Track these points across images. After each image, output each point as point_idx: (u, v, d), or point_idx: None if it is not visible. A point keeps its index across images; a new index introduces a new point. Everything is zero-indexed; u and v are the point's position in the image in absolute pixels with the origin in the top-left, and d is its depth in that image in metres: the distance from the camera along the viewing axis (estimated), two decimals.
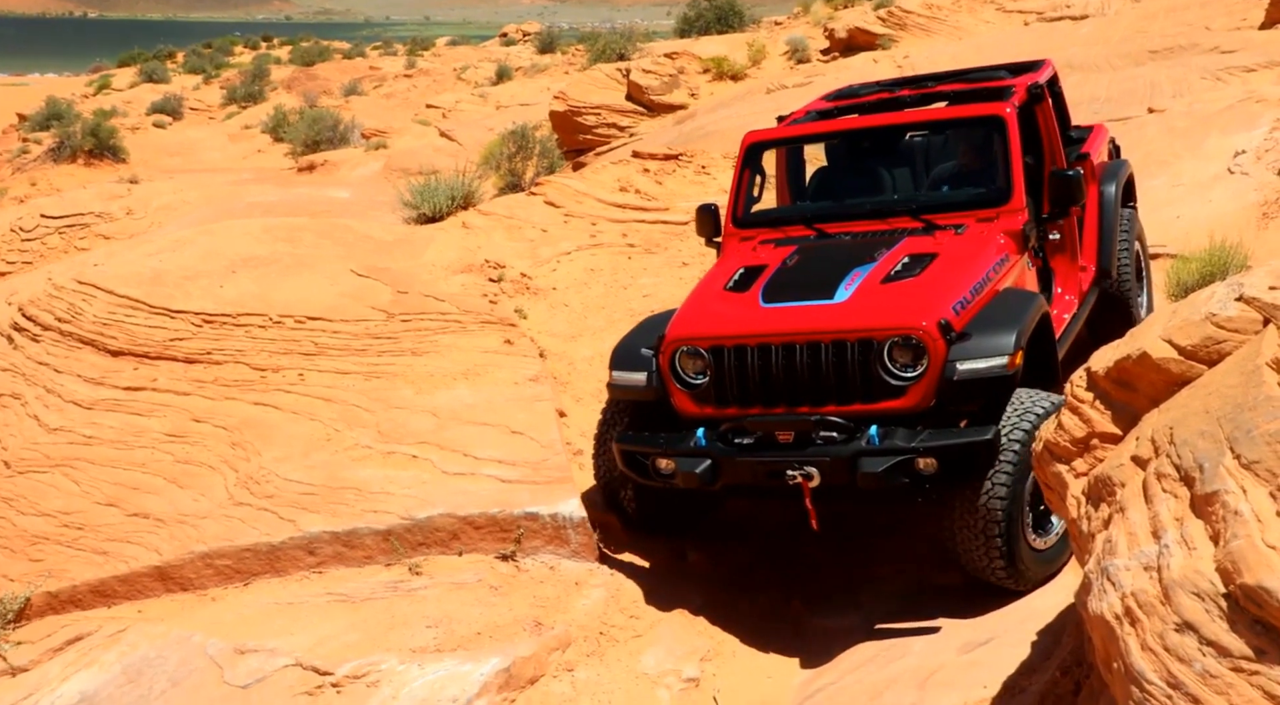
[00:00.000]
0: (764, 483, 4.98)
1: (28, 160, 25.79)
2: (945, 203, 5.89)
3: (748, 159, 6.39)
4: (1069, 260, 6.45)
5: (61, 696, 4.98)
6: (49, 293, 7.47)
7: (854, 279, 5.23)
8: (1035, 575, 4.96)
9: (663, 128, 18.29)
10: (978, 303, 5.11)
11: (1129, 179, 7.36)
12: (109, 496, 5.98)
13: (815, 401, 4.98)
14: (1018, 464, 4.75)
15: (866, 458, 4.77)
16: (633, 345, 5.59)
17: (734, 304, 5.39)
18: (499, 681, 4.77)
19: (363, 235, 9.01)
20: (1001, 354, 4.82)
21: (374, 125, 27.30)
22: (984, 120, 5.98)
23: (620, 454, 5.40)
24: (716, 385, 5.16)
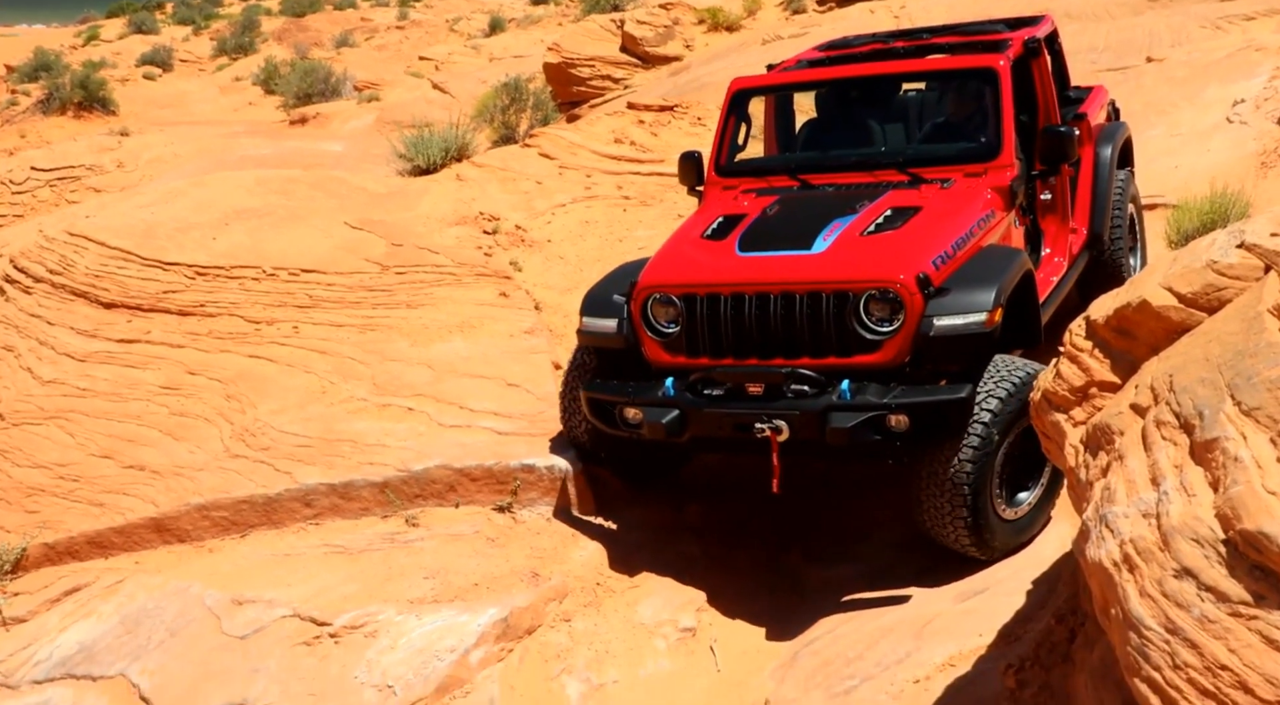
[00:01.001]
0: (731, 435, 4.88)
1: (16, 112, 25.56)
2: (933, 156, 5.77)
3: (733, 106, 6.23)
4: (1059, 221, 6.33)
5: (60, 647, 5.00)
6: (40, 245, 7.42)
7: (833, 230, 5.12)
8: (1002, 546, 4.88)
9: (657, 79, 18.14)
10: (959, 258, 4.99)
11: (1126, 142, 7.23)
12: (104, 448, 5.97)
13: (788, 354, 4.88)
14: (989, 434, 4.66)
15: (837, 412, 4.67)
16: (605, 291, 5.45)
17: (710, 252, 5.28)
18: (496, 632, 4.79)
19: (356, 187, 8.95)
20: (980, 311, 4.71)
21: (366, 77, 27.07)
22: (976, 72, 5.85)
23: (587, 402, 5.27)
24: (688, 334, 5.04)
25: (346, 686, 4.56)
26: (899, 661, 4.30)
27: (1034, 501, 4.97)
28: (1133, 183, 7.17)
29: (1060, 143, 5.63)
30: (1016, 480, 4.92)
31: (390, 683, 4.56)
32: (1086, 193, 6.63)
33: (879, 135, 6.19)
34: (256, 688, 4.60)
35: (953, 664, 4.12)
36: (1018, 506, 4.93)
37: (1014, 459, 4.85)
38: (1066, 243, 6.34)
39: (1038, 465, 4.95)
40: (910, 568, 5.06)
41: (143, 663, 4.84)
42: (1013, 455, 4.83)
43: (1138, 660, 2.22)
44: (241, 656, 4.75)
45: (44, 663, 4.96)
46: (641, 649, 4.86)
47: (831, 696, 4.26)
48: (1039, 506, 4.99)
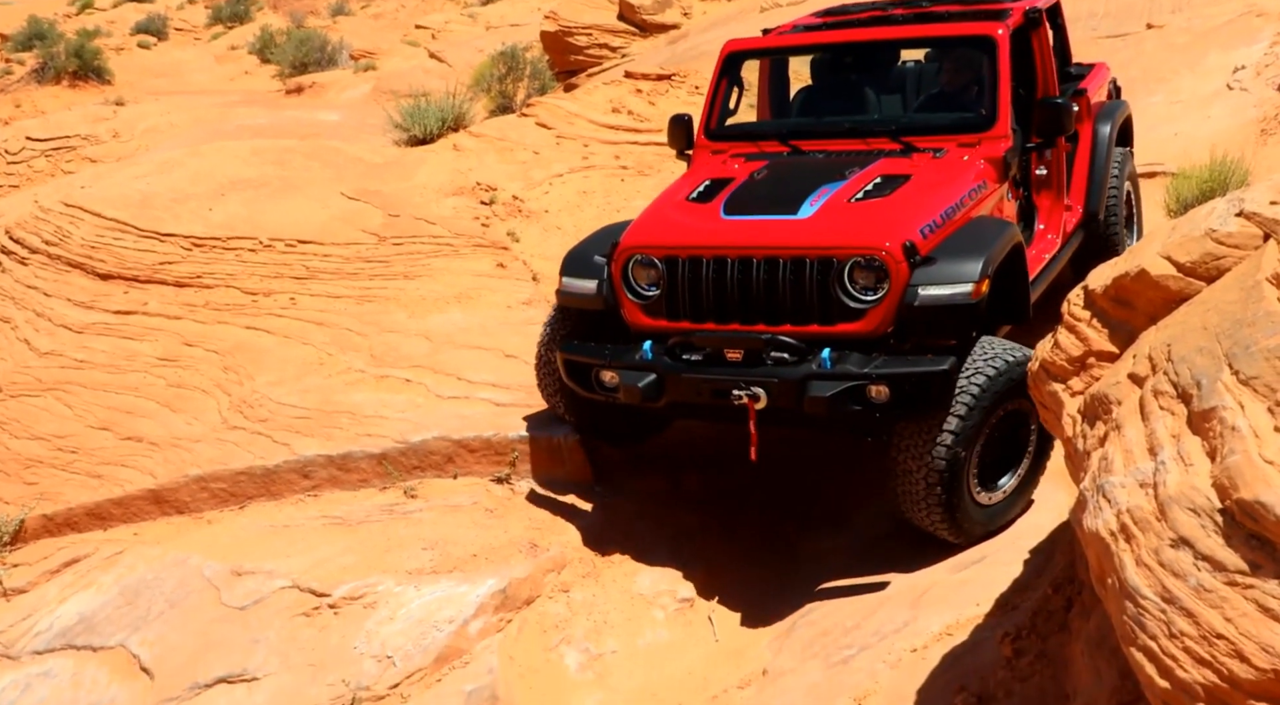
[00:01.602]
0: (709, 402, 4.79)
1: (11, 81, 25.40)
2: (926, 125, 5.69)
3: (726, 68, 6.10)
4: (1054, 197, 6.23)
5: (60, 618, 5.02)
6: (36, 215, 7.40)
7: (820, 196, 5.03)
8: (976, 531, 4.82)
9: (655, 48, 18.02)
10: (948, 228, 4.90)
11: (1126, 120, 7.13)
12: (102, 420, 5.97)
13: (770, 320, 4.79)
14: (970, 417, 4.58)
15: (816, 381, 4.58)
16: (585, 252, 5.34)
17: (694, 214, 5.20)
18: (495, 602, 4.81)
19: (352, 158, 8.91)
20: (966, 281, 4.61)
21: (362, 46, 26.88)
22: (974, 40, 5.73)
23: (564, 364, 5.16)
24: (669, 297, 4.95)
25: (346, 657, 4.58)
26: (896, 631, 4.32)
27: (1012, 488, 4.90)
28: (1131, 161, 7.08)
29: (1056, 115, 5.54)
30: (995, 465, 4.84)
31: (389, 653, 4.58)
32: (1084, 170, 6.54)
33: (874, 103, 6.11)
34: (256, 658, 4.63)
35: (950, 633, 4.14)
36: (995, 492, 4.85)
37: (994, 444, 4.78)
38: (1061, 220, 6.24)
39: (1018, 451, 4.88)
40: (907, 538, 5.06)
41: (143, 633, 4.86)
42: (993, 440, 4.76)
43: (1134, 629, 2.22)
44: (241, 627, 4.77)
45: (44, 633, 4.98)
46: (640, 619, 4.88)
47: (829, 666, 4.28)
48: (1017, 492, 4.92)
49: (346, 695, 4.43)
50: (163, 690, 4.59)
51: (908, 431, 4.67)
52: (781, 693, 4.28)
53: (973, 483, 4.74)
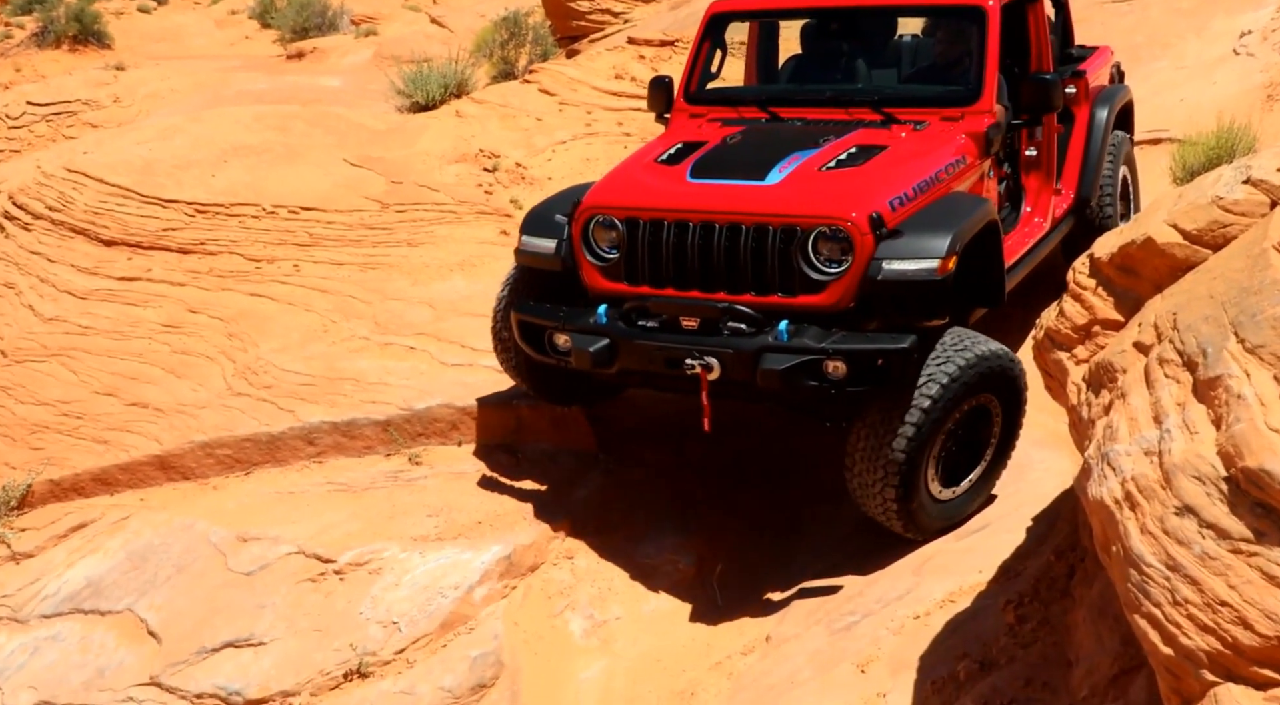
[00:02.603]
0: (661, 370, 4.63)
1: (11, 45, 25.25)
2: (910, 96, 5.54)
3: (709, 30, 5.91)
4: (1043, 180, 6.04)
5: (68, 582, 5.06)
6: (39, 181, 7.39)
7: (790, 162, 4.87)
8: (932, 527, 4.69)
9: (657, 13, 17.87)
10: (919, 202, 4.73)
11: (1126, 105, 6.94)
12: (107, 386, 5.99)
13: (731, 289, 4.62)
14: (932, 410, 4.41)
15: (771, 353, 4.41)
16: (548, 210, 5.17)
17: (660, 176, 5.04)
18: (499, 569, 4.84)
19: (355, 124, 8.88)
20: (932, 256, 4.44)
21: (363, 11, 26.71)
22: (963, 10, 5.54)
23: (518, 325, 4.99)
24: (628, 260, 4.79)
25: (352, 622, 4.61)
26: (899, 598, 4.34)
27: (972, 483, 4.77)
28: (1129, 146, 6.93)
29: (1044, 91, 5.36)
30: (957, 461, 4.70)
31: (395, 619, 4.61)
32: (1078, 154, 6.37)
33: (863, 73, 5.91)
34: (263, 623, 4.66)
35: (952, 600, 4.16)
36: (954, 487, 4.72)
37: (957, 438, 4.65)
38: (1049, 203, 6.06)
39: (980, 446, 4.77)
40: None
41: (150, 598, 4.90)
42: (956, 434, 4.63)
43: (1138, 597, 2.23)
44: (247, 593, 4.80)
45: (52, 598, 5.02)
46: (643, 586, 4.91)
47: (832, 632, 4.31)
48: (977, 488, 4.80)
49: (353, 660, 4.47)
50: (170, 654, 4.63)
51: (868, 421, 4.50)
52: (784, 659, 4.31)
53: (931, 478, 4.59)
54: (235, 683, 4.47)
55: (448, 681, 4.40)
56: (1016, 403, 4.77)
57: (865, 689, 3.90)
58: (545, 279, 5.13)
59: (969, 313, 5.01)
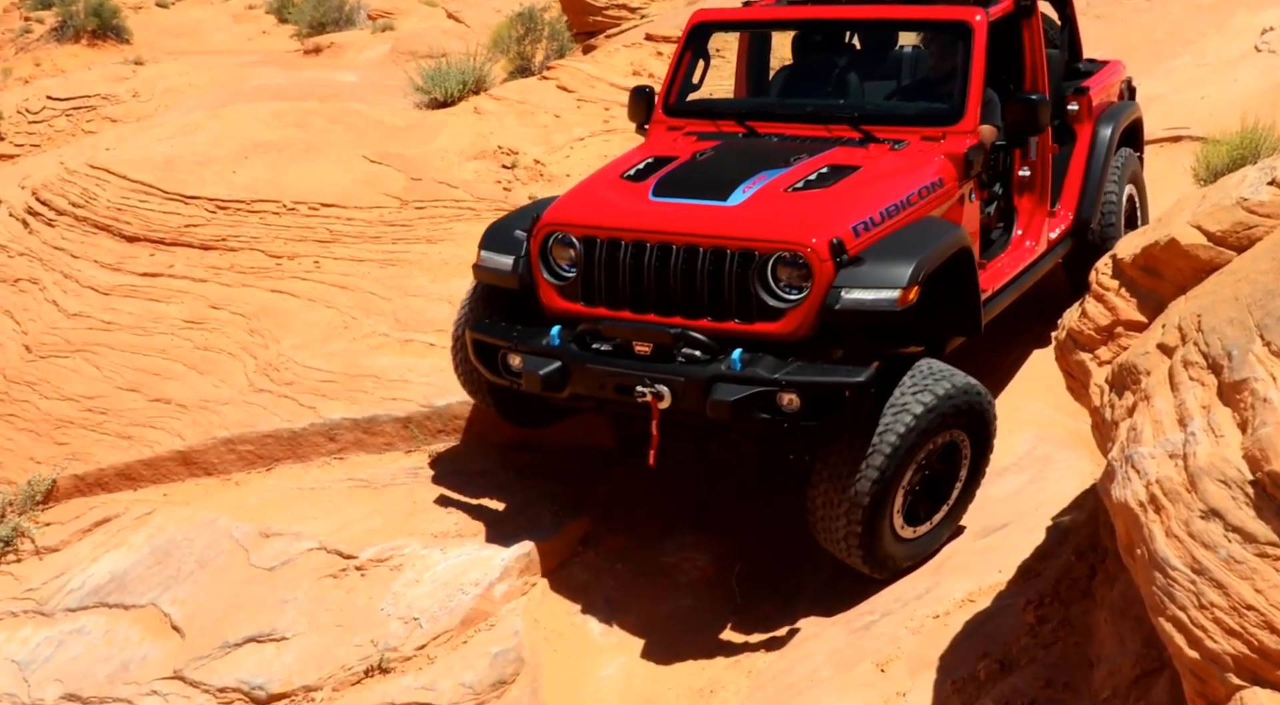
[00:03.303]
0: (612, 397, 4.44)
1: (30, 40, 25.37)
2: (890, 114, 5.32)
3: (691, 40, 5.68)
4: (1037, 201, 5.76)
5: (92, 576, 5.11)
6: (62, 177, 7.45)
7: (756, 183, 4.67)
8: (895, 565, 4.50)
9: (675, 9, 17.83)
10: (886, 227, 4.52)
11: (1133, 123, 6.62)
12: (130, 381, 6.04)
13: (688, 314, 4.43)
14: (900, 446, 4.21)
15: (722, 383, 4.22)
16: (507, 225, 4.99)
17: (622, 193, 4.85)
18: (520, 566, 4.86)
19: (374, 120, 8.90)
20: (893, 286, 4.24)
21: (380, 6, 26.74)
22: (949, 25, 5.31)
23: (472, 343, 4.84)
24: (585, 280, 4.61)
25: (373, 618, 4.65)
26: (918, 597, 4.35)
27: (939, 520, 4.61)
28: (1137, 165, 6.63)
29: (1030, 112, 5.13)
30: (924, 498, 4.53)
31: (416, 615, 4.64)
32: (1078, 174, 6.09)
33: (854, 86, 5.68)
34: (285, 618, 4.70)
35: (972, 599, 4.16)
36: (919, 526, 4.54)
37: (924, 475, 4.47)
38: (1043, 226, 5.81)
39: (948, 482, 4.59)
40: None
41: (173, 593, 4.94)
42: (922, 471, 4.45)
43: (1163, 600, 2.24)
44: (270, 588, 4.84)
45: (77, 591, 5.07)
46: (664, 584, 4.92)
47: (851, 631, 4.32)
48: (943, 526, 4.63)
49: (374, 656, 4.50)
50: (193, 648, 4.67)
51: (831, 457, 4.32)
52: (804, 657, 4.33)
53: (896, 516, 4.41)
54: (258, 677, 4.51)
55: (468, 678, 4.43)
56: (985, 438, 4.61)
57: (885, 688, 3.91)
58: (505, 297, 4.95)
59: (945, 342, 4.84)
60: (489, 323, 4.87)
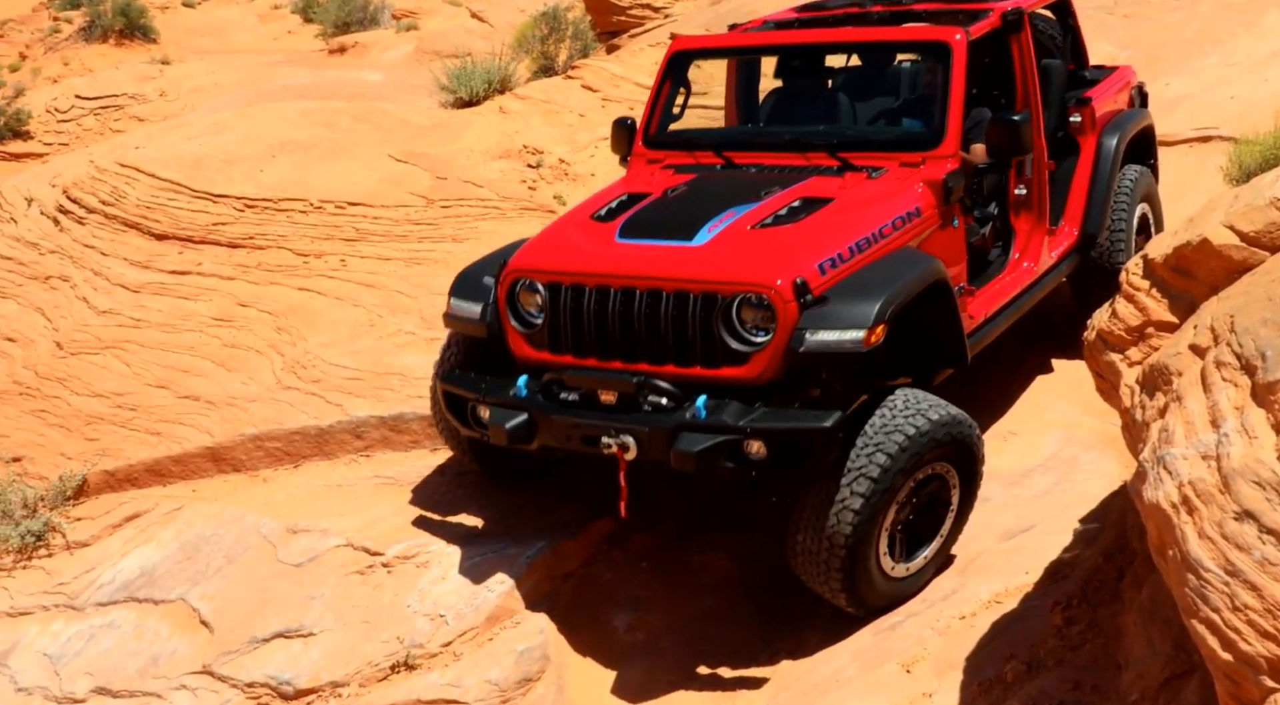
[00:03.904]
0: (579, 449, 4.32)
1: (59, 39, 25.60)
2: (867, 140, 5.15)
3: (670, 69, 5.52)
4: (1034, 221, 5.53)
5: (122, 571, 5.16)
6: (92, 175, 7.51)
7: (723, 220, 4.51)
8: (880, 603, 4.36)
9: (699, 8, 17.83)
10: (855, 263, 4.37)
11: (1143, 132, 6.32)
12: (159, 378, 6.09)
13: (653, 360, 4.30)
14: (881, 481, 4.08)
15: (686, 433, 4.10)
16: (477, 272, 4.86)
17: (589, 236, 4.72)
18: (545, 564, 4.87)
19: (400, 120, 8.94)
20: (857, 327, 4.10)
21: (404, 6, 26.86)
22: (927, 47, 5.14)
23: (443, 395, 4.74)
24: (551, 328, 4.48)
25: (399, 615, 4.67)
26: (944, 598, 4.34)
27: (928, 556, 4.46)
28: (1150, 179, 6.32)
29: (1010, 132, 4.90)
30: (911, 533, 4.39)
31: (442, 612, 4.66)
32: (1082, 189, 5.85)
33: (836, 112, 5.52)
34: (312, 614, 4.73)
35: (999, 601, 4.15)
36: (907, 563, 4.40)
37: (912, 508, 4.33)
38: (1041, 246, 5.58)
39: (937, 517, 4.45)
40: None
41: (202, 588, 4.98)
42: (908, 506, 4.31)
43: (1196, 602, 2.23)
44: (297, 584, 4.87)
45: (107, 586, 5.12)
46: (689, 586, 4.92)
47: (877, 632, 4.32)
48: (932, 561, 4.49)
49: (400, 652, 4.52)
50: (222, 643, 4.71)
51: (810, 496, 4.20)
52: (829, 657, 4.32)
53: (881, 553, 4.27)
54: (286, 672, 4.54)
55: (494, 675, 4.44)
56: (972, 470, 4.47)
57: (911, 689, 3.90)
58: (479, 346, 4.82)
59: (934, 375, 4.74)
60: (458, 374, 4.78)
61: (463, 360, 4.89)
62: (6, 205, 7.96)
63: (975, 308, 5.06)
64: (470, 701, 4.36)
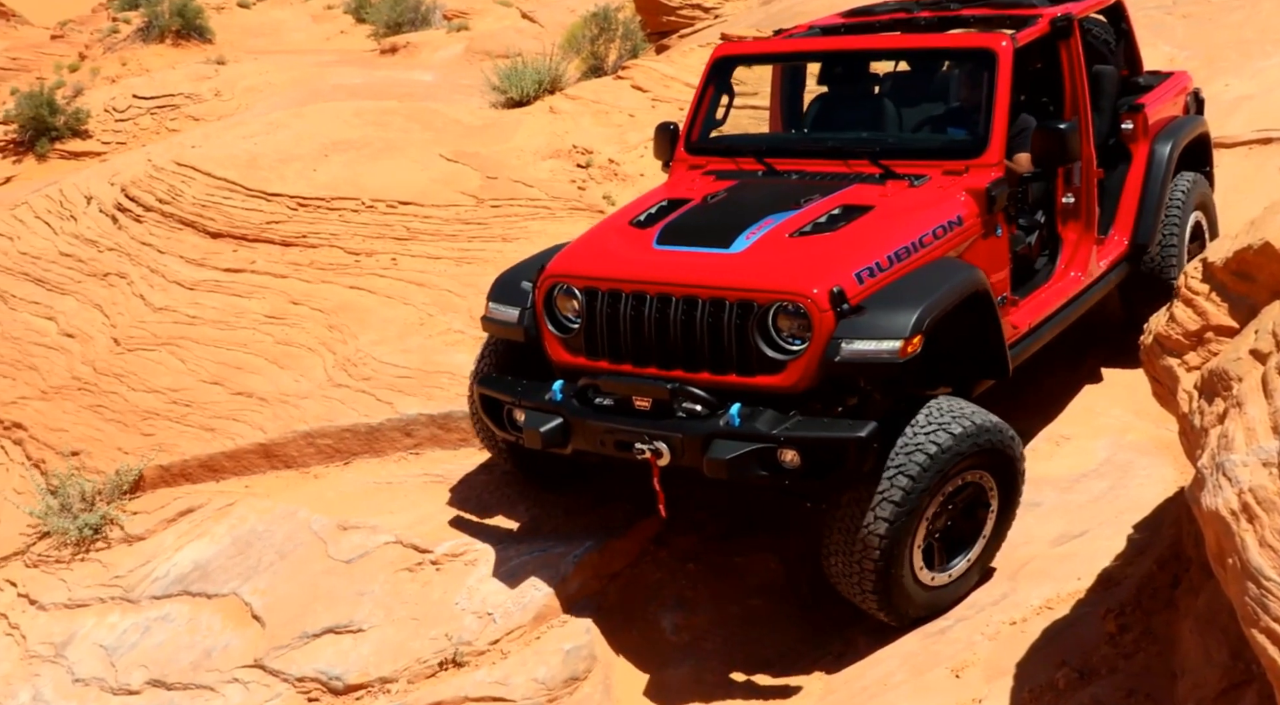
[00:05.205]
0: (613, 454, 4.34)
1: (118, 40, 26.05)
2: (911, 148, 5.10)
3: (713, 75, 5.50)
4: (1082, 230, 5.42)
5: (177, 565, 5.23)
6: (150, 174, 7.63)
7: (761, 228, 4.49)
8: (916, 613, 4.32)
9: (749, 8, 17.79)
10: (894, 272, 4.32)
11: (1198, 140, 6.16)
12: (214, 375, 6.18)
13: (688, 367, 4.29)
14: (914, 488, 4.04)
15: (720, 440, 4.10)
16: (516, 276, 4.88)
17: (628, 241, 4.71)
18: (593, 563, 4.88)
19: (451, 119, 9.01)
20: (894, 337, 4.05)
21: (455, 6, 27.07)
22: (972, 54, 5.06)
23: (479, 399, 4.78)
24: (587, 333, 4.47)
25: (448, 612, 4.70)
26: (994, 603, 4.30)
27: (963, 569, 4.39)
28: (1205, 187, 6.17)
29: (1057, 141, 4.82)
30: (948, 542, 4.34)
31: (490, 610, 4.68)
32: (1134, 197, 5.72)
33: (881, 119, 5.45)
34: (362, 611, 4.77)
35: (1050, 606, 4.11)
36: (946, 571, 4.35)
37: (948, 518, 4.29)
38: (1089, 255, 5.47)
39: (974, 528, 4.39)
40: None
41: (254, 583, 5.04)
42: (945, 515, 4.27)
43: (1256, 611, 2.20)
44: (347, 580, 4.92)
45: (162, 579, 5.20)
46: (735, 584, 4.91)
47: (925, 636, 4.29)
48: (969, 573, 4.42)
49: (449, 649, 4.55)
50: (274, 638, 4.77)
51: (844, 500, 4.16)
52: (877, 661, 4.30)
53: (916, 562, 4.22)
54: (336, 668, 4.59)
55: (541, 673, 4.46)
56: (1012, 479, 4.41)
57: (960, 694, 3.87)
58: (518, 349, 4.85)
59: (974, 386, 4.68)
60: (495, 377, 4.82)
61: (500, 364, 4.94)
62: (67, 203, 8.11)
63: (1019, 317, 4.99)
64: (517, 700, 4.38)
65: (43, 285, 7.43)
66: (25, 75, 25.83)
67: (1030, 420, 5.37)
